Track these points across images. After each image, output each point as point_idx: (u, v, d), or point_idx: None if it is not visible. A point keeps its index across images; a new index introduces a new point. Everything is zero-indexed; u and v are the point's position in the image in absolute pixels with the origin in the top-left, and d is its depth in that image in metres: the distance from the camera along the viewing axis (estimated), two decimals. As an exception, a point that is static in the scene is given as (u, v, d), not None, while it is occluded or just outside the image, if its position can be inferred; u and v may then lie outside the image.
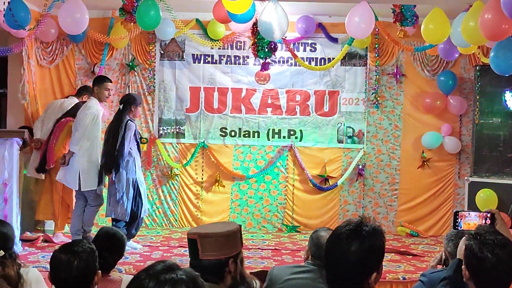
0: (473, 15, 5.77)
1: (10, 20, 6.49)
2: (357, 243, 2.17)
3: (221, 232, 2.78)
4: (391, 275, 5.98)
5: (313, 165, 8.45)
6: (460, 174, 8.39)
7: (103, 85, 6.98)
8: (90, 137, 6.75)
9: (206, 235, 2.74)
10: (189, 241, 2.76)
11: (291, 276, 3.46)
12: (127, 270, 5.75)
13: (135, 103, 6.84)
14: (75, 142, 6.71)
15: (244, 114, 8.47)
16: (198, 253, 2.71)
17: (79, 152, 6.71)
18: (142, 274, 1.67)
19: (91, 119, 6.73)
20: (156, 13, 6.74)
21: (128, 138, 6.67)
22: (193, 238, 2.72)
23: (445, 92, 8.18)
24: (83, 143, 6.71)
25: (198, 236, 2.72)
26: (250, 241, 7.60)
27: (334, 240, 2.25)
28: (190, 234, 2.76)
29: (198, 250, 2.71)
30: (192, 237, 2.74)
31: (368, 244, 2.17)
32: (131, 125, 6.73)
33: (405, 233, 8.27)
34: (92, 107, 6.80)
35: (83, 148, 6.73)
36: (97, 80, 7.12)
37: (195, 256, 2.72)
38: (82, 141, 6.70)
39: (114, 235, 3.89)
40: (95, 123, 6.77)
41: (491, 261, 2.43)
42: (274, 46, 7.70)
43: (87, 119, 6.72)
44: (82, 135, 6.70)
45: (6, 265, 3.13)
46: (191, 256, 2.77)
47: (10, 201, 6.02)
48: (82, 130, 6.70)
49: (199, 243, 2.70)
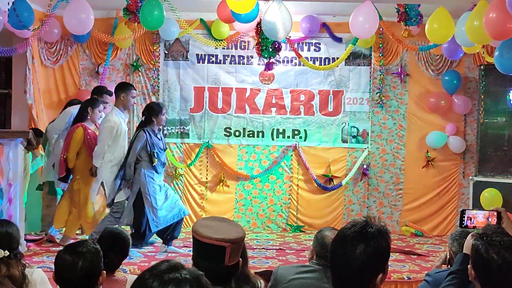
0: (478, 14, 5.77)
1: (14, 21, 6.50)
2: (363, 245, 2.15)
3: (243, 236, 2.70)
4: (396, 275, 5.97)
5: (318, 165, 8.45)
6: (464, 173, 8.37)
7: (130, 92, 6.87)
8: (112, 149, 6.70)
9: (236, 241, 2.62)
10: (211, 246, 2.58)
11: (295, 275, 3.45)
12: (131, 270, 5.75)
13: (154, 113, 6.72)
14: (95, 156, 6.69)
15: (248, 114, 8.47)
16: (224, 259, 2.58)
17: (102, 165, 6.69)
18: (146, 274, 1.67)
19: (109, 132, 6.65)
20: (160, 13, 6.75)
21: (136, 148, 6.60)
22: (222, 245, 2.56)
23: (449, 92, 8.17)
24: (106, 156, 6.68)
25: (231, 243, 2.57)
26: (255, 241, 7.61)
27: (339, 242, 2.23)
28: (216, 240, 2.57)
29: (224, 256, 2.57)
30: (220, 243, 2.57)
31: (374, 246, 2.16)
32: (140, 136, 6.63)
33: (410, 232, 8.26)
34: (110, 120, 6.71)
35: (106, 160, 6.69)
36: (124, 87, 6.96)
37: (218, 261, 2.58)
38: (104, 154, 6.67)
39: (118, 235, 3.89)
40: (116, 134, 6.69)
41: (497, 262, 2.42)
42: (278, 46, 7.70)
43: (104, 133, 6.67)
44: (102, 149, 6.65)
45: (11, 265, 3.13)
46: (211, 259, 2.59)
47: (14, 201, 6.02)
48: (101, 145, 6.67)
49: (230, 250, 2.57)
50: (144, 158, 6.64)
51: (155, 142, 6.72)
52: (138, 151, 6.60)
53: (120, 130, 6.74)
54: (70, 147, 6.89)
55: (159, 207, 6.65)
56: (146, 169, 6.64)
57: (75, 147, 6.89)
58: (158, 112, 6.74)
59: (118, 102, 6.89)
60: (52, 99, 8.23)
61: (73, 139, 6.89)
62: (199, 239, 2.62)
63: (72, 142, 6.89)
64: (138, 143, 6.60)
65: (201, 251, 2.65)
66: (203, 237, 2.61)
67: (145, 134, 6.64)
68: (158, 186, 6.74)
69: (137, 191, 6.62)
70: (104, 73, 8.20)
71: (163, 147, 6.86)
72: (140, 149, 6.62)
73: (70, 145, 6.90)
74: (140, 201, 6.63)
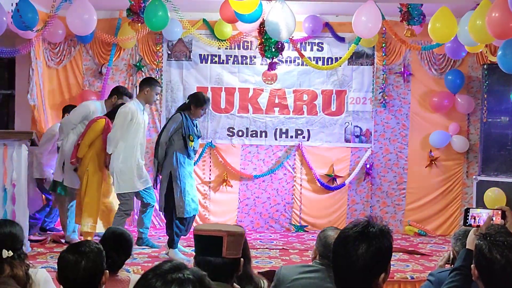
0: (480, 13, 5.76)
1: (18, 21, 6.52)
2: (365, 245, 2.16)
3: (242, 232, 2.82)
4: (399, 274, 5.97)
5: (321, 164, 8.45)
6: (468, 173, 8.36)
7: (155, 88, 6.75)
8: (125, 137, 6.56)
9: (234, 234, 2.73)
10: (210, 238, 2.71)
11: (299, 275, 3.46)
12: (135, 270, 5.75)
13: (196, 103, 6.52)
14: (108, 143, 6.57)
15: (251, 114, 8.48)
16: (221, 250, 2.68)
17: (114, 154, 6.58)
18: (149, 274, 1.67)
19: (123, 118, 6.50)
20: (164, 13, 6.75)
21: (169, 129, 6.42)
22: (219, 235, 2.69)
23: (452, 91, 8.16)
24: (119, 144, 6.56)
25: (227, 234, 2.70)
26: (258, 240, 7.61)
27: (341, 242, 2.24)
28: (213, 231, 2.73)
29: (222, 247, 2.68)
30: (217, 234, 2.70)
31: (376, 246, 2.17)
32: (176, 117, 6.47)
33: (413, 232, 8.26)
34: (125, 106, 6.60)
35: (119, 149, 6.57)
36: (149, 82, 6.82)
37: (217, 253, 2.68)
38: (118, 142, 6.54)
39: (121, 235, 3.90)
40: (130, 123, 6.54)
41: (501, 263, 2.41)
42: (281, 46, 7.70)
43: (118, 118, 6.54)
44: (114, 136, 6.52)
45: (15, 266, 3.14)
46: (210, 252, 2.71)
47: (18, 201, 6.05)
48: (114, 130, 6.54)
49: (226, 241, 2.68)
50: (176, 141, 6.44)
51: (190, 126, 6.53)
52: (171, 132, 6.42)
53: (135, 118, 6.59)
54: (86, 134, 6.78)
55: (188, 193, 6.43)
56: (179, 152, 6.44)
57: (91, 136, 6.77)
58: (199, 104, 6.53)
59: (141, 95, 6.75)
60: (56, 99, 8.24)
61: (92, 127, 6.79)
62: (199, 233, 2.77)
63: (90, 130, 6.79)
64: (173, 124, 6.43)
65: (201, 245, 2.76)
66: (201, 230, 2.78)
67: (181, 116, 6.47)
68: (188, 172, 6.55)
69: (168, 174, 6.41)
70: (107, 73, 8.21)
71: (197, 134, 6.68)
72: (174, 130, 6.43)
73: (87, 133, 6.79)
74: (170, 185, 6.41)
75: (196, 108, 6.53)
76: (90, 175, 6.79)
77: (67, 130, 7.04)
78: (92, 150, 6.82)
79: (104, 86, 8.18)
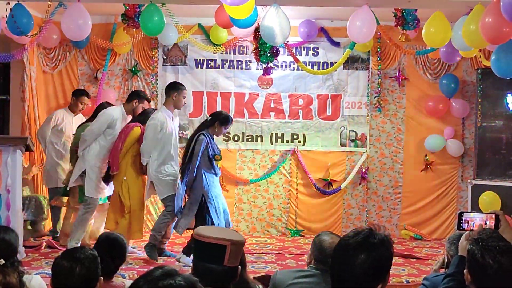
0: (474, 18, 5.77)
1: (13, 27, 6.49)
2: (364, 255, 2.15)
3: (243, 242, 2.79)
4: (394, 278, 5.97)
5: (317, 169, 8.45)
6: (463, 177, 8.38)
7: (182, 92, 6.74)
8: (157, 147, 6.60)
9: (236, 243, 2.70)
10: (213, 245, 2.67)
11: (294, 280, 3.46)
12: (130, 276, 5.74)
13: (221, 122, 6.65)
14: (142, 154, 6.61)
15: (247, 119, 8.48)
16: (223, 259, 2.65)
17: (149, 164, 6.62)
18: (140, 281, 1.67)
19: (153, 130, 6.54)
20: (160, 19, 6.74)
21: (198, 152, 6.47)
22: (224, 244, 2.66)
23: (447, 95, 8.18)
24: (152, 154, 6.60)
25: (231, 243, 2.67)
26: (254, 245, 7.61)
27: (341, 250, 2.22)
28: (217, 239, 2.68)
29: (224, 256, 2.65)
30: (221, 242, 2.66)
31: (376, 256, 2.16)
32: (201, 140, 6.52)
33: (409, 236, 8.27)
34: (154, 118, 6.61)
35: (152, 158, 6.62)
36: (176, 87, 6.80)
37: (218, 261, 2.66)
38: (150, 153, 6.59)
39: (115, 240, 3.90)
40: (161, 133, 6.57)
41: (493, 267, 2.42)
42: (276, 51, 7.72)
43: (148, 131, 6.57)
44: (148, 147, 6.56)
45: (8, 273, 3.13)
46: (211, 260, 2.67)
47: (13, 207, 6.03)
48: (146, 142, 6.57)
49: (230, 250, 2.66)
50: (203, 162, 6.52)
51: (215, 146, 6.68)
52: (200, 157, 6.49)
53: (165, 128, 6.61)
54: (126, 143, 6.69)
55: (222, 210, 6.57)
56: (207, 172, 6.55)
57: (128, 145, 6.70)
58: (224, 124, 6.68)
59: (168, 102, 6.74)
60: (51, 104, 8.24)
61: (129, 135, 6.71)
62: (201, 239, 2.71)
63: (128, 138, 6.70)
64: (200, 147, 6.49)
65: (202, 252, 2.71)
66: (205, 237, 2.70)
67: (205, 138, 6.54)
68: (219, 190, 6.70)
69: (200, 196, 6.48)
70: (102, 78, 8.21)
71: (218, 151, 6.77)
72: (201, 154, 6.51)
73: (126, 141, 6.69)
74: (201, 207, 6.49)
75: (221, 127, 6.68)
76: (130, 184, 6.70)
77: (90, 141, 6.80)
78: (127, 158, 6.74)
79: (99, 91, 8.17)
